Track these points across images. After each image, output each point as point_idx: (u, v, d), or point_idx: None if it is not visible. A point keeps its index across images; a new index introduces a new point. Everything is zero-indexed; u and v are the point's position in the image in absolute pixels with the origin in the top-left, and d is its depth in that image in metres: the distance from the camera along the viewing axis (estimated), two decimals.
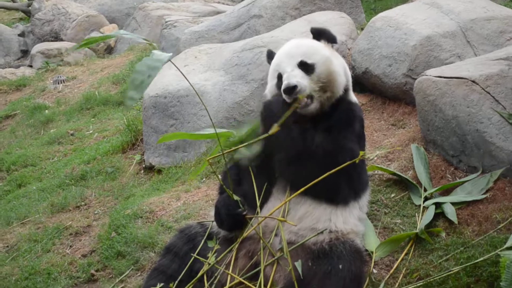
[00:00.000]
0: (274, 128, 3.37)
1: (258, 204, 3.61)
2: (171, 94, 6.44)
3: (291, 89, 3.54)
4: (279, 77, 3.76)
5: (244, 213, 3.57)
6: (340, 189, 3.62)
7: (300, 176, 3.53)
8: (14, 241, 5.40)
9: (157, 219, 5.01)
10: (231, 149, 3.60)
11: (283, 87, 3.57)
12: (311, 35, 3.97)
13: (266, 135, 3.40)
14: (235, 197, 3.58)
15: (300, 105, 3.53)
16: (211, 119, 3.63)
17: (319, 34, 3.95)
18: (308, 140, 3.55)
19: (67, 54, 12.89)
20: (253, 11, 8.12)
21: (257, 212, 3.61)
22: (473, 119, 4.26)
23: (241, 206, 3.56)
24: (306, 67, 3.67)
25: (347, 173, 3.55)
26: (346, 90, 3.86)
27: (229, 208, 3.60)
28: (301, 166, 3.54)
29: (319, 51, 3.75)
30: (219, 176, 3.90)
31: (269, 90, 3.95)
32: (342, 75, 3.80)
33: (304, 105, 3.58)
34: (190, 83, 3.83)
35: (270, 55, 4.08)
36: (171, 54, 2.84)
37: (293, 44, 3.86)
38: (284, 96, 3.60)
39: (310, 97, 3.62)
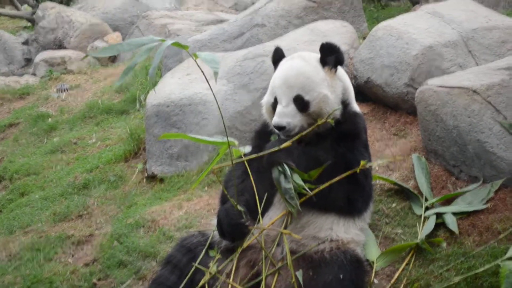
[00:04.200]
0: (287, 143, 3.51)
1: (259, 213, 3.61)
2: (173, 103, 6.44)
3: (281, 128, 3.65)
4: (275, 100, 3.80)
5: (247, 223, 3.54)
6: (350, 201, 3.64)
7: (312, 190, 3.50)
8: (16, 250, 5.37)
9: (159, 228, 5.01)
10: (239, 159, 3.62)
11: (273, 123, 3.68)
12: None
13: (277, 148, 3.50)
14: (239, 207, 3.57)
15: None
16: (224, 126, 3.64)
17: (326, 55, 3.80)
18: (319, 155, 3.59)
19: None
20: (256, 19, 8.11)
21: (259, 221, 3.61)
22: (474, 129, 4.27)
23: (243, 216, 3.54)
24: (301, 103, 3.69)
25: (358, 185, 3.61)
26: (347, 104, 3.87)
27: (232, 219, 3.57)
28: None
29: (317, 87, 3.70)
30: (223, 185, 3.91)
31: (265, 102, 3.97)
32: (337, 103, 3.78)
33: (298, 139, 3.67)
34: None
35: (277, 54, 4.12)
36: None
37: (294, 71, 3.77)
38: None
39: (301, 127, 3.69)
